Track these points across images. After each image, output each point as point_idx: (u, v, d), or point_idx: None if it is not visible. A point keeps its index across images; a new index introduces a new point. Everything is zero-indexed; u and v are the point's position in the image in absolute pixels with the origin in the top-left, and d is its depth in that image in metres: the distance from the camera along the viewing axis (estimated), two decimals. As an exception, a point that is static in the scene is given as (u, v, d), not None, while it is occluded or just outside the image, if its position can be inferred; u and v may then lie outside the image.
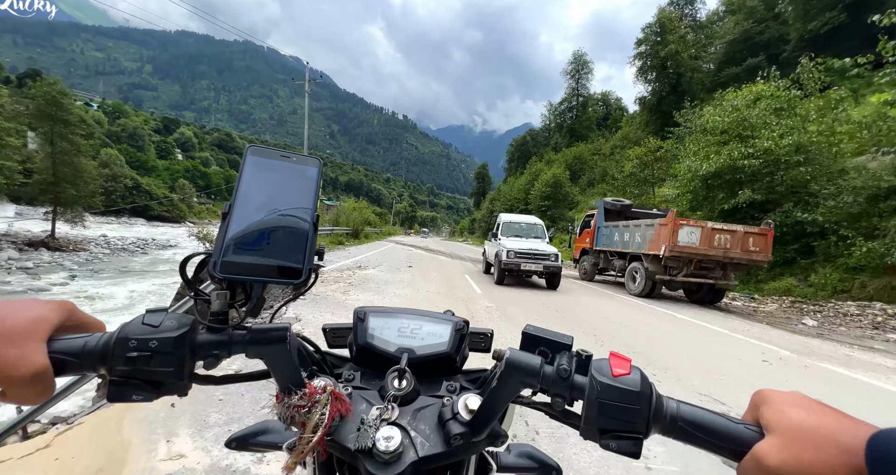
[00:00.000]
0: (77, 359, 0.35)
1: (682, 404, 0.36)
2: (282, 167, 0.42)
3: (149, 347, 0.34)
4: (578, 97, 53.97)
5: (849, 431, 0.28)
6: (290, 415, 0.38)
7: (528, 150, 65.28)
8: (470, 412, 0.40)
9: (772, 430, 0.31)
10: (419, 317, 0.53)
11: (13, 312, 0.33)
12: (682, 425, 0.35)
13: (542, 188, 31.64)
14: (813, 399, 0.33)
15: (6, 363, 0.30)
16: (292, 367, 0.39)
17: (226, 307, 0.39)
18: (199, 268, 0.39)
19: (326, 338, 0.58)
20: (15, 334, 0.31)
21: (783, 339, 5.71)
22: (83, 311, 0.38)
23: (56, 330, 0.35)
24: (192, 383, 0.38)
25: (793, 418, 0.30)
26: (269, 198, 0.40)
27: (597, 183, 31.81)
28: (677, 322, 6.47)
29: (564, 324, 5.41)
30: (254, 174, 0.41)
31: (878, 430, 0.27)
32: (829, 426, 0.29)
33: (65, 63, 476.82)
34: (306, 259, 0.39)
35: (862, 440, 0.27)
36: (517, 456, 0.58)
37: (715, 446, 0.34)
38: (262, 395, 2.58)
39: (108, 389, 0.35)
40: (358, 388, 0.46)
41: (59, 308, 0.36)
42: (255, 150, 0.42)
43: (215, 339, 0.38)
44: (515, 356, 0.38)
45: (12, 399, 0.32)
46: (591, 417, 0.35)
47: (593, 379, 0.36)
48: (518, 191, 39.87)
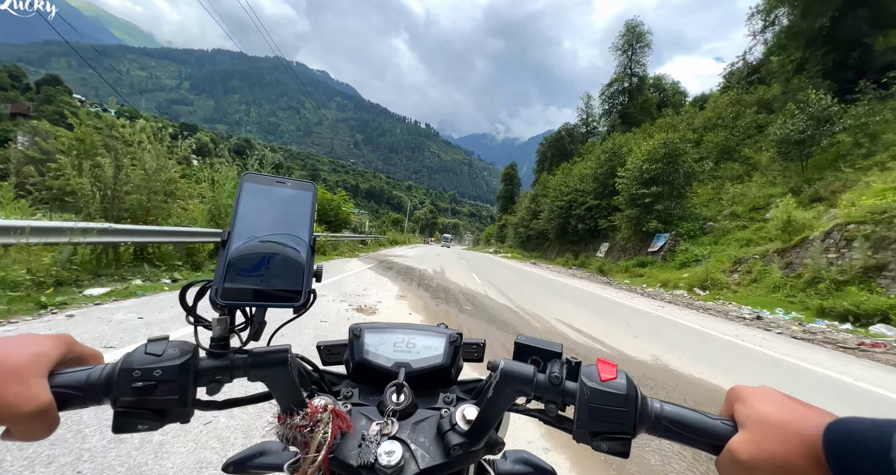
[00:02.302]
0: (80, 393, 0.34)
1: (665, 404, 0.38)
2: (277, 193, 0.43)
3: (153, 376, 0.35)
4: (632, 77, 45.00)
5: (809, 422, 0.30)
6: (293, 435, 0.38)
7: (564, 147, 57.34)
8: (467, 422, 0.41)
9: (744, 425, 0.33)
10: (414, 331, 0.54)
11: (13, 349, 0.32)
12: (665, 424, 0.36)
13: (642, 165, 16.93)
14: (781, 392, 0.34)
15: (10, 401, 0.30)
16: (293, 388, 0.40)
17: (226, 332, 0.39)
18: (198, 294, 0.40)
19: (321, 355, 0.58)
20: (16, 371, 0.31)
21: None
22: (81, 344, 0.38)
23: (56, 364, 0.35)
24: (195, 409, 0.38)
25: (762, 412, 0.32)
26: (267, 223, 0.41)
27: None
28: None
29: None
30: (250, 200, 0.42)
31: (833, 420, 0.29)
32: (792, 418, 0.31)
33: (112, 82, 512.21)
34: (305, 281, 0.40)
35: (819, 429, 0.28)
36: (513, 462, 0.58)
37: (696, 442, 0.36)
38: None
39: (114, 421, 0.35)
40: (357, 405, 0.46)
41: (58, 342, 0.36)
42: (250, 177, 0.43)
43: (217, 365, 0.38)
44: (509, 366, 0.39)
45: (18, 436, 0.32)
46: (582, 421, 0.37)
47: (583, 384, 0.37)
48: (582, 178, 26.18)
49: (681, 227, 16.13)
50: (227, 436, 1.87)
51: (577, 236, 26.99)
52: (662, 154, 16.55)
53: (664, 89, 46.69)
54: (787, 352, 5.01)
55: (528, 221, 39.00)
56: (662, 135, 17.25)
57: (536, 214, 37.19)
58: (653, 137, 18.48)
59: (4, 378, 0.30)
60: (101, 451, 1.66)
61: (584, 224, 25.40)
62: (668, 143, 16.56)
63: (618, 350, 4.38)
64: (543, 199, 35.23)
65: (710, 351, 4.70)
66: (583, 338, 4.82)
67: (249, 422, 2.02)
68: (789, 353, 4.92)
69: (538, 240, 37.78)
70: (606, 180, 23.29)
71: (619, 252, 20.60)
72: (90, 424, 1.83)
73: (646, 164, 16.97)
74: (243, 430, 1.94)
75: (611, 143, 25.09)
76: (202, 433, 1.89)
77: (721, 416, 0.36)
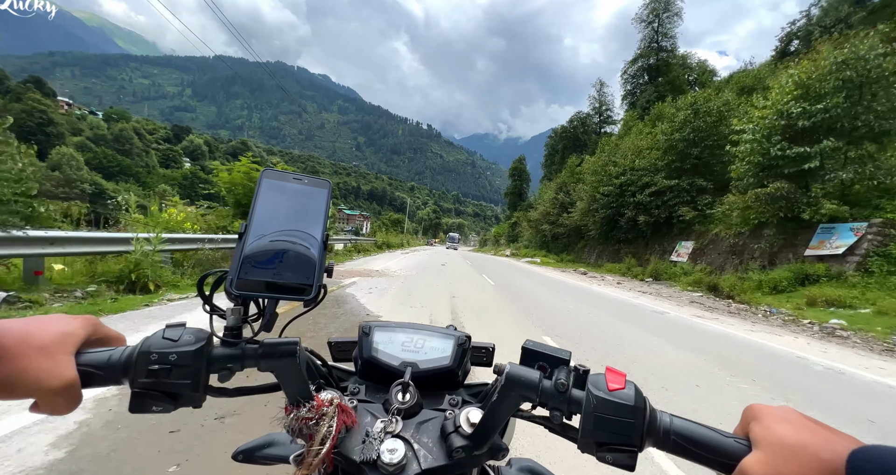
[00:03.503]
0: (102, 372, 0.36)
1: (674, 418, 0.37)
2: (294, 189, 0.44)
3: (168, 360, 0.36)
4: (659, 52, 38.00)
5: (831, 447, 0.28)
6: (299, 427, 0.39)
7: (577, 137, 50.63)
8: (471, 425, 0.40)
9: (758, 445, 0.31)
10: (423, 331, 0.54)
11: (44, 327, 0.34)
12: (674, 438, 0.35)
13: (789, 106, 9.83)
14: (802, 414, 0.32)
15: (39, 375, 0.31)
16: (301, 380, 0.40)
17: (240, 322, 0.40)
18: (215, 284, 0.41)
19: (332, 351, 0.59)
20: (47, 348, 0.32)
21: None
22: (106, 326, 0.40)
23: (83, 344, 0.36)
24: (206, 395, 0.39)
25: (779, 433, 0.30)
26: (282, 218, 0.42)
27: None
28: None
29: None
30: (268, 196, 0.43)
31: (858, 447, 0.27)
32: (813, 441, 0.29)
33: (115, 91, 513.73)
34: (316, 276, 0.41)
35: (842, 456, 0.27)
36: (518, 470, 0.57)
37: (705, 459, 0.34)
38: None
39: (130, 401, 0.36)
40: (363, 401, 0.47)
41: (85, 323, 0.37)
42: (269, 173, 0.44)
43: (229, 353, 0.40)
44: (515, 371, 0.39)
45: (44, 409, 0.33)
46: (587, 431, 0.36)
47: (590, 393, 0.36)
48: (639, 153, 19.57)
49: (887, 210, 9.03)
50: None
51: (633, 232, 19.47)
52: (835, 84, 9.34)
53: (691, 68, 39.46)
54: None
55: (555, 217, 31.30)
56: (840, 51, 9.63)
57: (566, 207, 29.60)
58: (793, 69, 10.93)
59: (34, 353, 0.32)
60: None
61: (647, 215, 17.82)
62: (849, 63, 9.20)
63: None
64: (576, 186, 27.54)
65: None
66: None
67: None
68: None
69: (568, 240, 30.43)
70: (689, 149, 16.00)
71: (723, 255, 13.42)
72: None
73: (798, 106, 9.70)
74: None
75: (705, 94, 17.02)
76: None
77: (735, 435, 0.35)
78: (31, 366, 0.31)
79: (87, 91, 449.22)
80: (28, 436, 1.94)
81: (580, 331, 5.33)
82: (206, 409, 2.48)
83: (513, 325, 5.49)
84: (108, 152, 59.63)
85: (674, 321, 6.75)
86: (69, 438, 1.94)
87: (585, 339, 4.91)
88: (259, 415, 2.25)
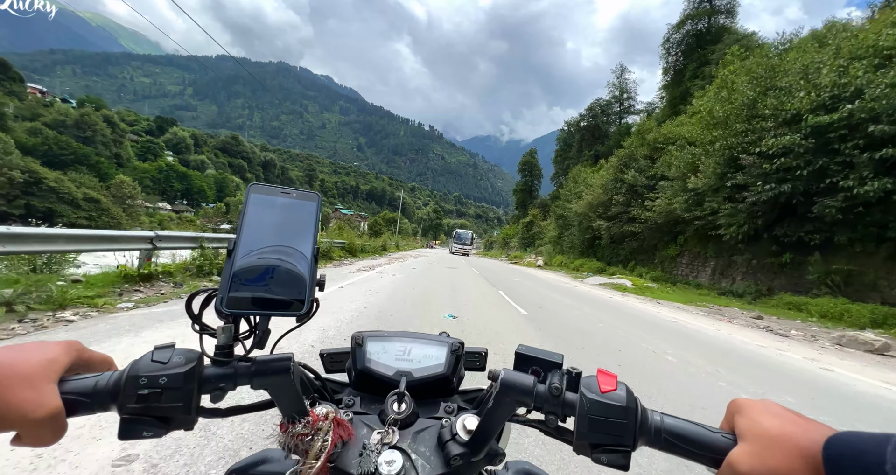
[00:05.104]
0: (88, 399, 0.34)
1: (665, 416, 0.37)
2: (282, 203, 0.43)
3: (158, 384, 0.35)
4: (713, 14, 30.70)
5: (809, 435, 0.30)
6: (294, 443, 0.38)
7: (598, 126, 44.10)
8: (468, 432, 0.40)
9: (744, 437, 0.32)
10: (415, 339, 0.54)
11: (25, 355, 0.32)
12: (665, 437, 0.36)
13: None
14: (783, 406, 0.34)
15: (21, 406, 0.30)
16: (296, 397, 0.40)
17: (231, 340, 0.39)
18: (204, 303, 0.40)
19: (324, 363, 0.58)
20: (27, 377, 0.31)
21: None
22: (90, 349, 0.38)
23: (66, 370, 0.35)
24: (198, 417, 0.38)
25: (762, 424, 0.32)
26: (272, 233, 0.41)
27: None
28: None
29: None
30: (256, 211, 0.42)
31: (833, 433, 0.29)
32: (793, 431, 0.31)
33: (116, 89, 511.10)
34: (308, 291, 0.40)
35: (819, 443, 0.28)
36: (515, 473, 0.57)
37: (695, 455, 0.35)
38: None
39: (120, 427, 0.35)
40: (358, 413, 0.46)
41: (68, 348, 0.35)
42: (256, 188, 0.43)
43: (221, 372, 0.38)
44: (510, 376, 0.39)
45: (27, 441, 0.32)
46: (582, 433, 0.36)
47: (583, 395, 0.37)
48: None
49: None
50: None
51: (848, 228, 9.44)
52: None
53: (738, 41, 32.40)
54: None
55: (617, 212, 20.96)
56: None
57: (638, 193, 19.70)
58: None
59: (16, 384, 0.30)
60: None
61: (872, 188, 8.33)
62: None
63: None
64: (669, 153, 17.09)
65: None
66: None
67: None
68: None
69: (640, 243, 19.94)
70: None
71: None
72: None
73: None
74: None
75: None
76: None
77: (721, 429, 0.36)
78: (14, 398, 0.30)
79: (88, 89, 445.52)
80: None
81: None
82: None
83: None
84: (63, 138, 52.89)
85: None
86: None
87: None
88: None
